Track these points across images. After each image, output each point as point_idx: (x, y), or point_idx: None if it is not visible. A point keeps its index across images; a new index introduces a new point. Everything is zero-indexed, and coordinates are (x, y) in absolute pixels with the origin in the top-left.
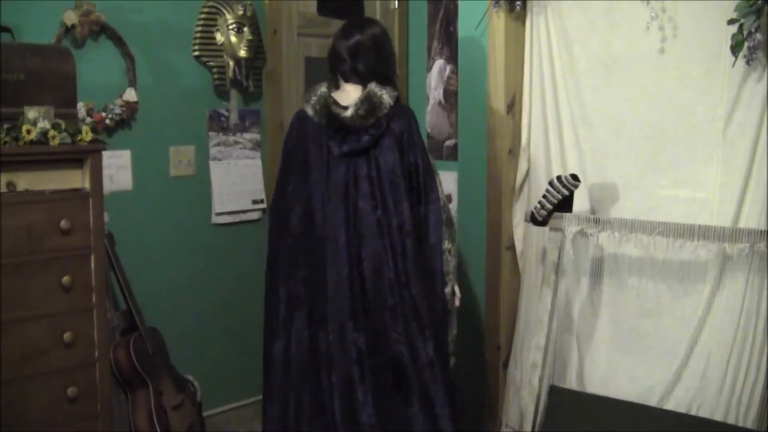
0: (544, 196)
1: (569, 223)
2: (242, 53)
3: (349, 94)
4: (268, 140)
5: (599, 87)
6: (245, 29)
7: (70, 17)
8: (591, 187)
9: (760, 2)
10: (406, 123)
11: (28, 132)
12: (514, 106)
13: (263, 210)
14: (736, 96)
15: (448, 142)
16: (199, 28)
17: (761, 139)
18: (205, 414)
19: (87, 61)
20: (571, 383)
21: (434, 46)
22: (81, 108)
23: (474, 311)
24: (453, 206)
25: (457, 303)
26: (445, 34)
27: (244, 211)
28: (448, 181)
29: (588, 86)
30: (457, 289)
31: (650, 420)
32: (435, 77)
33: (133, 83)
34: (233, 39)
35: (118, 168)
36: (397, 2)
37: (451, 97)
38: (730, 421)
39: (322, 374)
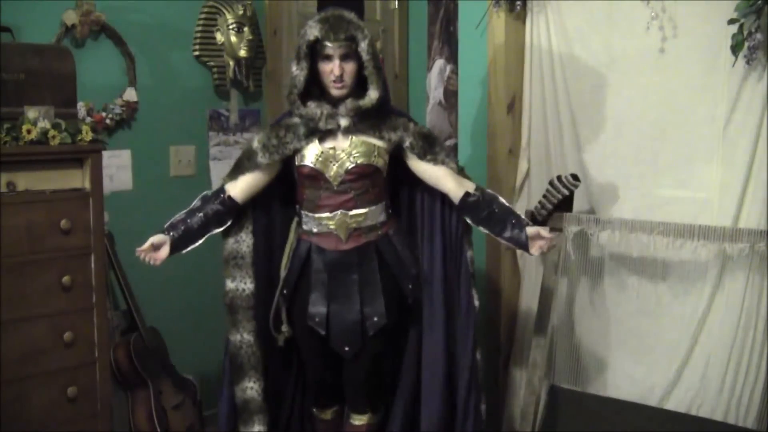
0: (545, 196)
1: (569, 223)
2: (242, 53)
3: None
4: None
5: (599, 87)
6: (245, 29)
7: (70, 17)
8: (591, 187)
9: (760, 2)
10: None
11: (29, 132)
12: (514, 105)
13: None
14: (736, 96)
15: (449, 142)
16: (200, 28)
17: (761, 139)
18: (205, 414)
19: (87, 61)
20: (572, 383)
21: (434, 45)
22: (81, 108)
23: None
24: None
25: None
26: (446, 34)
27: None
28: None
29: (588, 86)
30: None
31: (650, 420)
32: (435, 77)
33: (133, 83)
34: (233, 39)
35: (118, 168)
36: (397, 2)
37: (451, 96)
38: (730, 421)
39: None
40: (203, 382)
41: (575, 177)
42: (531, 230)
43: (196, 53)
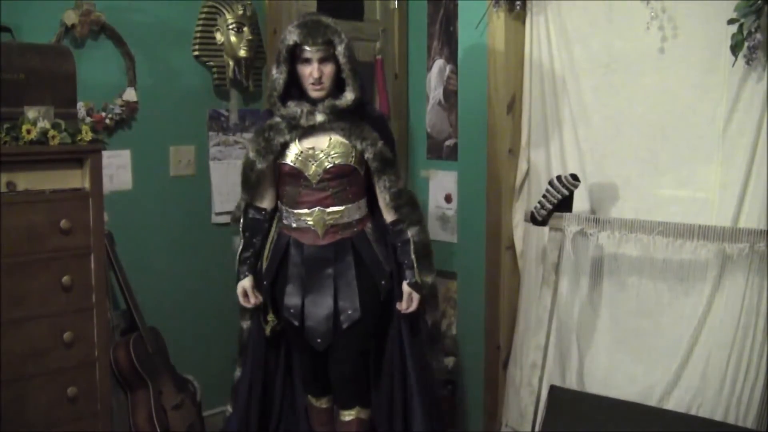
0: (544, 196)
1: (569, 223)
2: (242, 53)
3: None
4: None
5: (599, 87)
6: (245, 29)
7: (70, 17)
8: (591, 187)
9: (759, 2)
10: None
11: (28, 132)
12: (514, 105)
13: None
14: (736, 96)
15: (448, 142)
16: (199, 28)
17: (761, 139)
18: (205, 414)
19: (87, 61)
20: (571, 383)
21: (434, 45)
22: (81, 108)
23: (474, 311)
24: (453, 206)
25: None
26: (445, 34)
27: None
28: (448, 181)
29: (588, 86)
30: None
31: (650, 420)
32: (435, 77)
33: (133, 83)
34: (233, 39)
35: (117, 168)
36: (397, 2)
37: (451, 96)
38: (730, 420)
39: None
40: (203, 382)
41: (575, 177)
42: (405, 289)
43: (196, 53)
